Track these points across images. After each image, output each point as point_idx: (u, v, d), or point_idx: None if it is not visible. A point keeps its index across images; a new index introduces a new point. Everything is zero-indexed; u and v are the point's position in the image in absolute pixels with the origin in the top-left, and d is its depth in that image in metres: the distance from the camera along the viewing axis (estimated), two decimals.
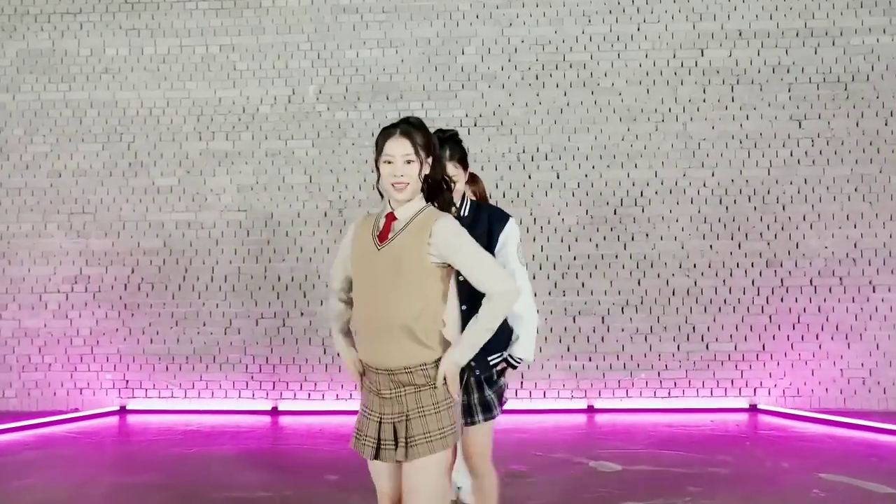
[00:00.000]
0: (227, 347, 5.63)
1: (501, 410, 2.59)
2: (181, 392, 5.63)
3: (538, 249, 5.56)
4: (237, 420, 5.34)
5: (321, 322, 5.59)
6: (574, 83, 5.60)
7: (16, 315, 5.69)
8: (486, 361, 2.49)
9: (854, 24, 5.50)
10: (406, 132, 2.12)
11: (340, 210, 5.63)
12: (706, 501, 3.51)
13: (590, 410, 5.46)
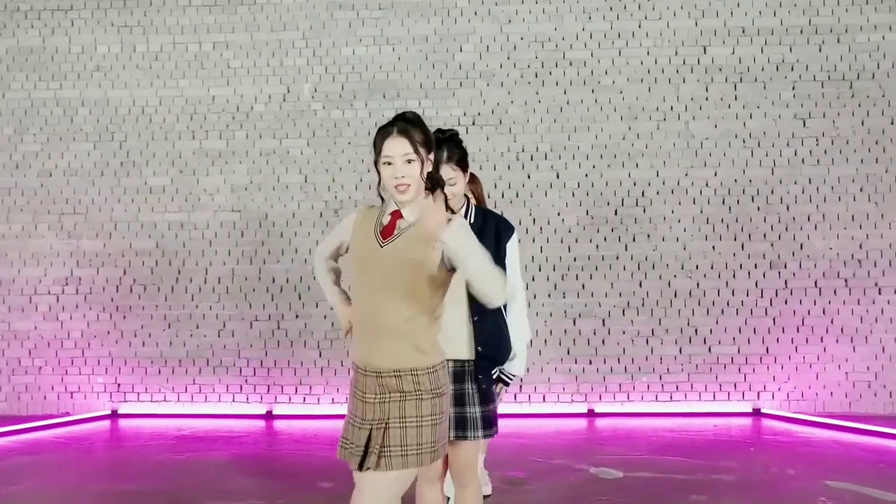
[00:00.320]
0: (221, 350, 5.54)
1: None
2: (174, 396, 5.55)
3: (538, 250, 5.48)
4: (231, 424, 5.26)
5: (316, 324, 5.51)
6: (574, 81, 5.52)
7: (5, 317, 5.60)
8: (490, 374, 2.40)
9: (860, 21, 5.42)
10: (404, 130, 2.04)
11: (336, 210, 5.55)
12: None
13: (590, 415, 5.37)
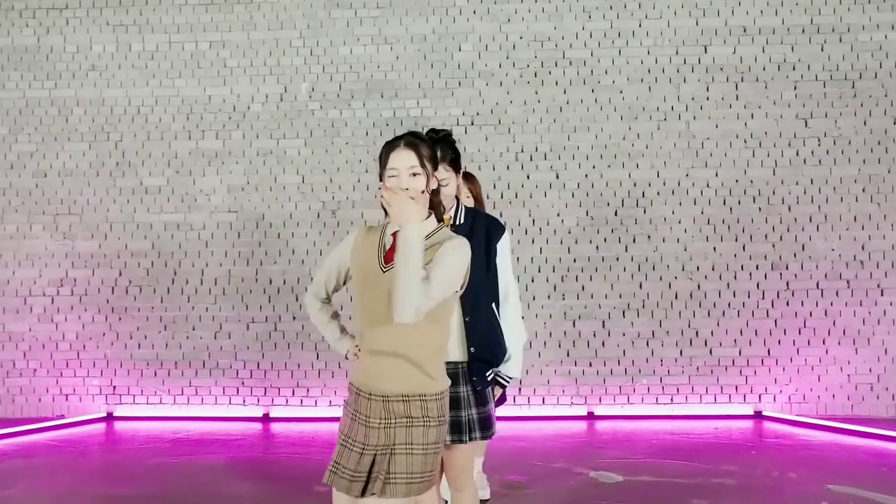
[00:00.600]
0: (217, 352, 5.49)
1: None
2: (169, 398, 5.50)
3: (537, 251, 5.44)
4: (227, 427, 5.22)
5: (313, 326, 5.45)
6: (574, 81, 5.47)
7: None
8: (485, 376, 2.36)
9: (861, 21, 5.37)
10: (411, 143, 2.02)
11: (333, 211, 5.50)
12: None
13: (590, 417, 5.33)
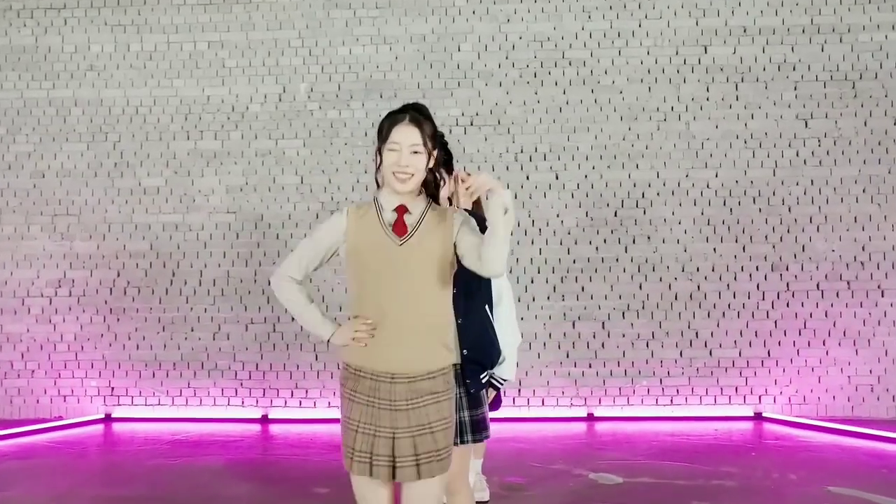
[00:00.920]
0: (216, 353, 5.48)
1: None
2: (168, 399, 5.48)
3: (536, 252, 5.42)
4: (226, 429, 5.20)
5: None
6: (573, 81, 5.46)
7: None
8: (479, 378, 2.35)
9: (862, 21, 5.36)
10: (415, 120, 1.98)
11: (332, 212, 5.43)
12: None
13: (590, 419, 5.32)
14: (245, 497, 3.70)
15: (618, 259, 5.41)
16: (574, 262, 5.42)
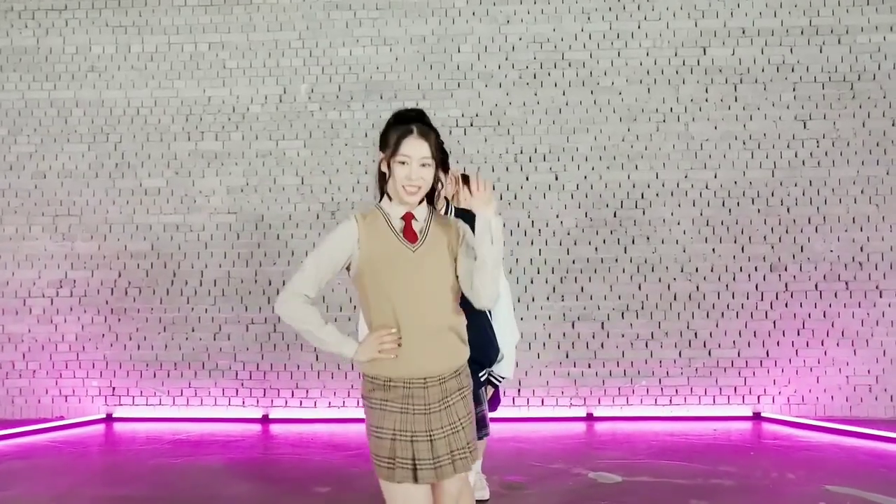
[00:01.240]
0: (217, 353, 5.49)
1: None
2: (169, 399, 5.50)
3: (536, 253, 5.44)
4: (227, 428, 5.22)
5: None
6: (573, 82, 5.48)
7: None
8: (478, 376, 2.36)
9: (860, 22, 5.38)
10: (424, 133, 1.97)
11: (333, 212, 5.50)
12: None
13: (589, 419, 5.33)
14: (245, 497, 3.71)
15: (617, 259, 5.42)
16: (573, 263, 5.44)
